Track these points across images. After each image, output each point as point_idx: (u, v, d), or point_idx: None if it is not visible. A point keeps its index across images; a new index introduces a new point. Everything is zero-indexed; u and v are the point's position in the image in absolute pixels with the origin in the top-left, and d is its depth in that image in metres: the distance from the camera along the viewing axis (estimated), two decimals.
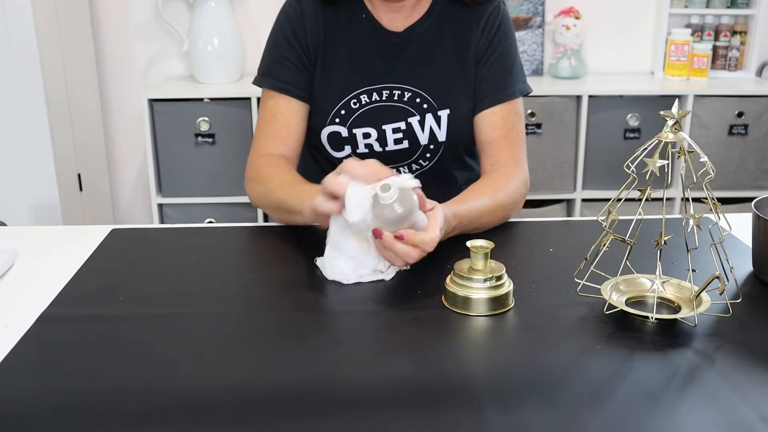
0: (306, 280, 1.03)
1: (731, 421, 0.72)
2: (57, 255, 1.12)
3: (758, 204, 1.05)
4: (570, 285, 0.98)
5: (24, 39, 2.21)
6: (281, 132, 1.30)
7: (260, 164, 1.27)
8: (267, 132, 1.30)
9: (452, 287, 0.94)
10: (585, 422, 0.71)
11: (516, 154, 1.30)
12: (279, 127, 1.30)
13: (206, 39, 2.56)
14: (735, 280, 0.99)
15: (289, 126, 1.30)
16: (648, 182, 0.89)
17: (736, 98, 2.57)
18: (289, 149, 1.31)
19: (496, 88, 1.31)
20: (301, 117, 1.31)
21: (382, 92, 1.30)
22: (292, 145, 1.31)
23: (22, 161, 2.30)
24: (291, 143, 1.31)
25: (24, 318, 0.92)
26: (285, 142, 1.30)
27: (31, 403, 0.75)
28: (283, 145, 1.30)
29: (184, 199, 2.57)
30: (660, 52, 2.78)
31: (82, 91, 2.59)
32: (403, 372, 0.80)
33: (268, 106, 1.31)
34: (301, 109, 1.31)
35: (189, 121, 2.50)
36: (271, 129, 1.30)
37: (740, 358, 0.83)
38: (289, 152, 1.31)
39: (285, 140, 1.30)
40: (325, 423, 0.72)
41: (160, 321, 0.91)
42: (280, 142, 1.30)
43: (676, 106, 0.88)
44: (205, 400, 0.75)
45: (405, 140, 1.32)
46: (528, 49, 2.77)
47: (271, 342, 0.87)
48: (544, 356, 0.84)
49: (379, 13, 1.31)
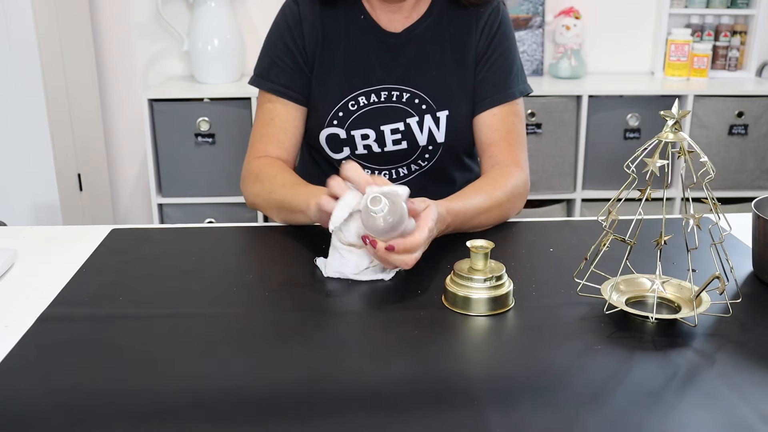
0: (306, 280, 1.03)
1: (731, 421, 0.72)
2: (57, 255, 1.12)
3: (758, 204, 1.04)
4: (570, 285, 0.98)
5: (24, 39, 2.21)
6: (278, 135, 1.30)
7: (259, 165, 1.27)
8: (264, 135, 1.30)
9: (452, 287, 0.94)
10: (585, 422, 0.71)
11: (516, 155, 1.29)
12: (276, 130, 1.30)
13: (206, 39, 2.56)
14: (735, 280, 0.99)
15: (287, 129, 1.30)
16: (648, 182, 0.89)
17: (736, 98, 2.57)
18: (287, 152, 1.31)
19: (496, 89, 1.30)
20: (298, 121, 1.32)
21: (381, 93, 1.30)
22: (289, 149, 1.31)
23: (22, 161, 2.30)
24: (288, 146, 1.31)
25: (24, 318, 0.92)
26: (282, 145, 1.30)
27: (31, 403, 0.75)
28: (281, 149, 1.30)
29: (184, 199, 2.57)
30: (660, 52, 2.78)
31: (82, 91, 2.59)
32: (403, 372, 0.80)
33: (266, 110, 1.31)
34: (297, 113, 1.31)
35: (189, 121, 2.50)
36: (268, 132, 1.30)
37: (740, 358, 0.83)
38: (287, 155, 1.31)
39: (282, 143, 1.30)
40: (325, 423, 0.72)
41: (160, 321, 0.91)
42: (278, 145, 1.30)
43: (676, 106, 0.88)
44: (205, 400, 0.75)
45: (403, 141, 1.32)
46: (528, 49, 2.77)
47: (271, 342, 0.87)
48: (544, 356, 0.84)
49: (378, 14, 1.31)
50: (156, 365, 0.82)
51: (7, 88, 2.24)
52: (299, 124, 1.32)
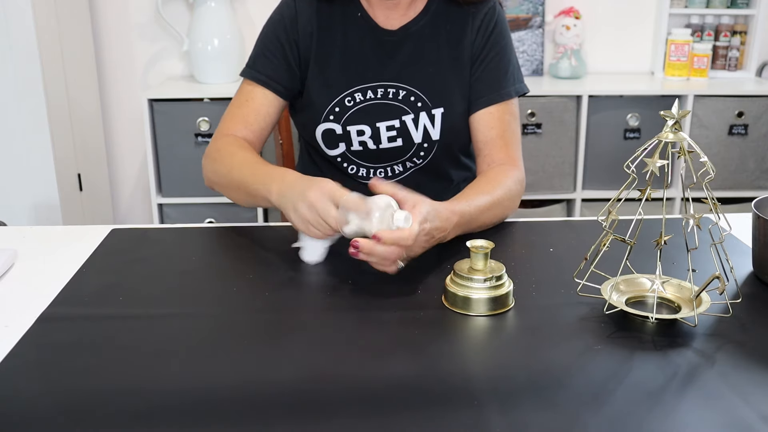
0: (306, 280, 1.03)
1: (731, 421, 0.72)
2: (57, 255, 1.12)
3: (758, 204, 1.05)
4: (570, 285, 0.98)
5: (24, 39, 2.21)
6: (248, 117, 1.30)
7: (222, 143, 1.27)
8: (235, 114, 1.31)
9: (452, 287, 0.94)
10: (585, 422, 0.71)
11: (512, 154, 1.30)
12: (247, 111, 1.30)
13: (206, 39, 2.56)
14: (735, 280, 0.99)
15: (258, 112, 1.30)
16: (648, 182, 0.89)
17: (736, 98, 2.57)
18: (254, 134, 1.30)
19: (492, 88, 1.31)
20: (273, 108, 1.31)
21: (377, 90, 1.30)
22: (257, 131, 1.31)
23: (22, 161, 2.30)
24: (256, 129, 1.31)
25: (24, 318, 0.92)
26: (250, 126, 1.30)
27: (31, 403, 0.75)
28: (248, 129, 1.30)
29: (184, 199, 2.57)
30: (660, 52, 2.78)
31: (82, 91, 2.59)
32: (403, 372, 0.80)
33: (244, 92, 1.32)
34: (274, 101, 1.31)
35: (189, 121, 2.50)
36: (239, 112, 1.31)
37: (740, 358, 0.83)
38: (253, 137, 1.30)
39: (251, 125, 1.30)
40: (325, 423, 0.72)
41: (160, 321, 0.91)
42: (245, 126, 1.30)
43: (676, 106, 0.88)
44: (204, 400, 0.75)
45: (399, 138, 1.32)
46: (528, 49, 2.77)
47: (271, 342, 0.87)
48: (544, 356, 0.84)
49: (375, 11, 1.32)
50: (156, 365, 0.82)
51: (7, 88, 2.24)
52: (273, 112, 1.32)
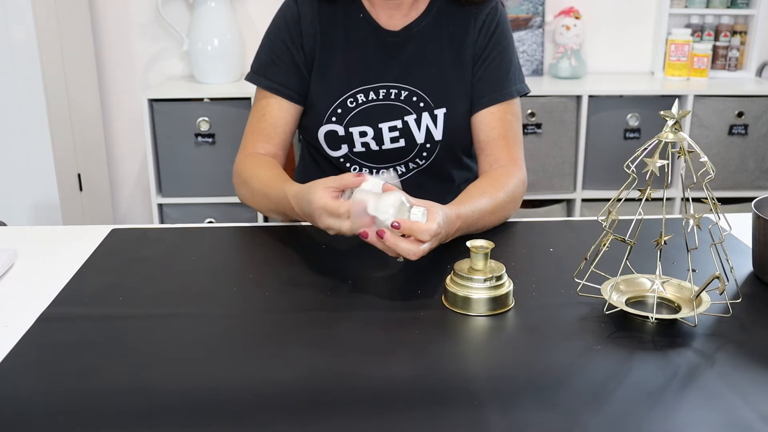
0: (306, 280, 1.03)
1: (731, 421, 0.72)
2: (57, 255, 1.12)
3: (758, 204, 1.05)
4: (570, 285, 0.98)
5: (24, 39, 2.21)
6: (268, 131, 1.32)
7: (245, 165, 1.29)
8: (255, 130, 1.32)
9: (452, 287, 0.94)
10: (585, 422, 0.71)
11: (514, 154, 1.30)
12: (266, 126, 1.32)
13: (206, 39, 2.56)
14: (735, 280, 0.99)
15: (276, 126, 1.31)
16: (648, 182, 0.89)
17: (736, 98, 2.57)
18: (276, 147, 1.32)
19: (494, 88, 1.31)
20: (290, 116, 1.32)
21: (379, 91, 1.30)
22: (278, 144, 1.32)
23: (22, 161, 2.30)
24: (277, 141, 1.32)
25: (24, 318, 0.92)
26: (272, 140, 1.32)
27: (31, 403, 0.75)
28: (270, 143, 1.32)
29: (184, 199, 2.57)
30: (660, 52, 2.78)
31: (82, 91, 2.59)
32: (403, 372, 0.80)
33: (260, 106, 1.33)
34: (290, 109, 1.32)
35: (189, 121, 2.50)
36: (258, 128, 1.32)
37: (740, 358, 0.83)
38: (276, 150, 1.32)
39: (272, 138, 1.32)
40: (325, 423, 0.72)
41: (160, 321, 0.91)
42: (267, 141, 1.32)
43: (676, 106, 0.88)
44: (205, 400, 0.75)
45: (401, 139, 1.32)
46: (528, 49, 2.77)
47: (271, 342, 0.87)
48: (544, 356, 0.84)
49: (377, 12, 1.31)
50: (156, 365, 0.82)
51: (7, 88, 2.24)
52: (291, 121, 1.33)
